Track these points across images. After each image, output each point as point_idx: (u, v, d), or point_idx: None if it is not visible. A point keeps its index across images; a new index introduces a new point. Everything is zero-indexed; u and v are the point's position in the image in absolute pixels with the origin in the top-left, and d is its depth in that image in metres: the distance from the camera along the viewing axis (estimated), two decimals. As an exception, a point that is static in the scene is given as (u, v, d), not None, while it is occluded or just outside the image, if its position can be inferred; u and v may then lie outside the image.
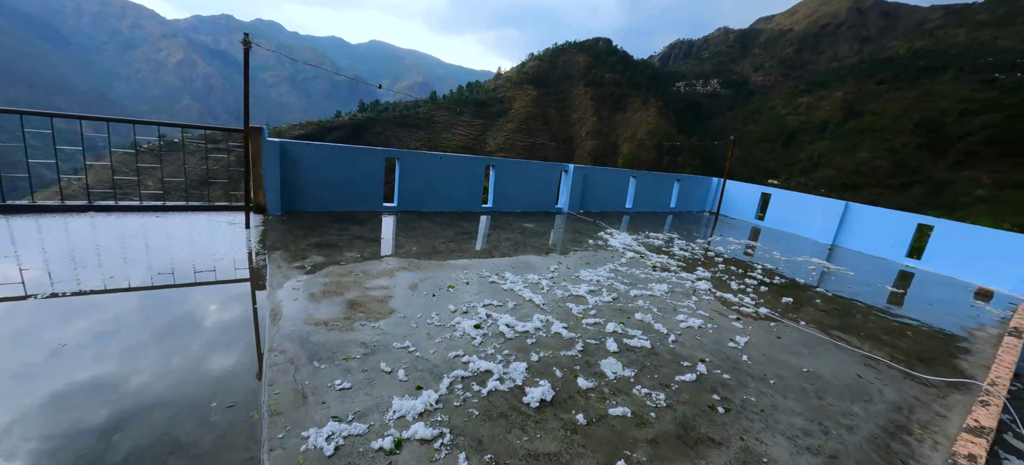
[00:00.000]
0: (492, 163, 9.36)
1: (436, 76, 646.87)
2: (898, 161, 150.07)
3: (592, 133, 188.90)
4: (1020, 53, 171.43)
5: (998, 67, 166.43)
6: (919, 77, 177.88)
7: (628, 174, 11.85)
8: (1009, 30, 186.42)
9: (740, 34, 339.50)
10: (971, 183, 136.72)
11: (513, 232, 7.85)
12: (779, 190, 12.57)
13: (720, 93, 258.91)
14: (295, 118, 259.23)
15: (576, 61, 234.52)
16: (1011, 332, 5.68)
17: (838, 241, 11.01)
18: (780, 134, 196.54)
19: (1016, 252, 8.47)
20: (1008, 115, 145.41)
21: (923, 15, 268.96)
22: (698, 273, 6.64)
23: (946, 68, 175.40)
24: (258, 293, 4.31)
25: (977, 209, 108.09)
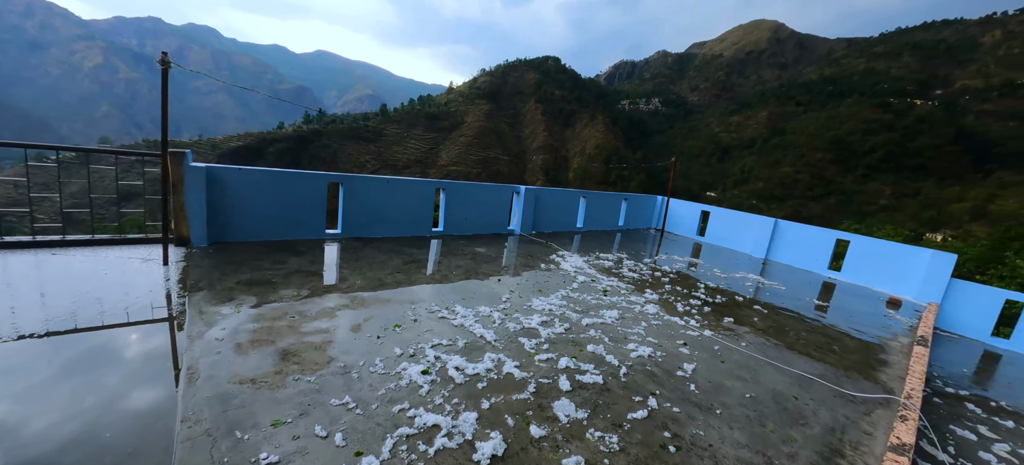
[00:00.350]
0: (443, 186, 9.16)
1: (386, 89, 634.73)
2: (815, 174, 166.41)
3: (543, 148, 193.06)
4: (908, 81, 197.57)
5: (892, 93, 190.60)
6: (829, 101, 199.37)
7: (579, 194, 12.09)
8: (898, 61, 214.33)
9: (677, 57, 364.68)
10: (875, 194, 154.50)
11: (464, 258, 7.66)
12: (717, 208, 13.37)
13: (661, 111, 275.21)
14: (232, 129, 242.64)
15: (527, 78, 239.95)
16: (919, 341, 6.31)
17: (770, 255, 11.85)
18: (715, 150, 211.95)
19: (916, 262, 9.51)
20: (901, 135, 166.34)
21: (830, 46, 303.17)
22: (647, 295, 6.81)
23: (851, 93, 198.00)
24: (173, 345, 3.81)
25: (880, 216, 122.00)
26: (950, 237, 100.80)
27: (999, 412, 5.30)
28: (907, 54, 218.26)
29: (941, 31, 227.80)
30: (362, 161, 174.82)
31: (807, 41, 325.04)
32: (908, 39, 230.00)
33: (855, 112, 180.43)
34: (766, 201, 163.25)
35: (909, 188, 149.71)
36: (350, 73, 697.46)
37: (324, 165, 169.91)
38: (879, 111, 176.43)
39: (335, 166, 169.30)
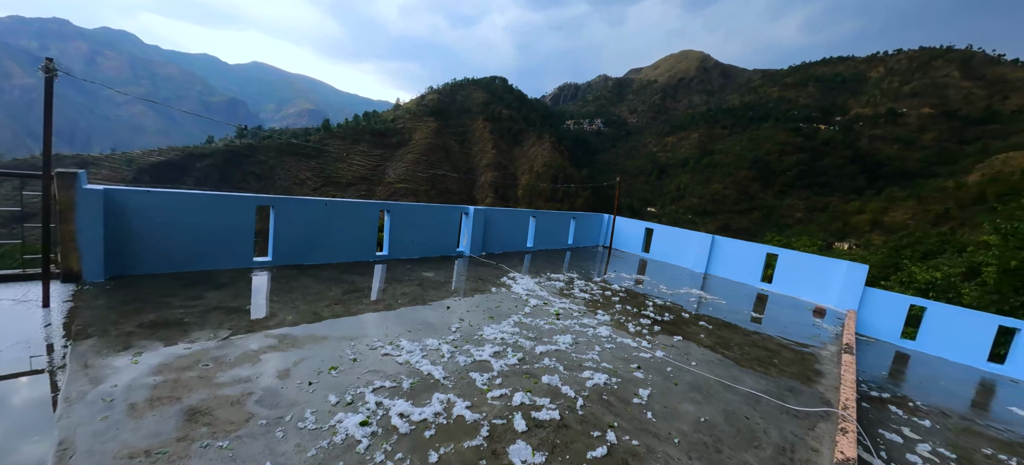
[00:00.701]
0: (388, 208, 8.68)
1: (329, 104, 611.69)
2: (741, 191, 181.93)
3: (492, 165, 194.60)
4: (813, 108, 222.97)
5: (800, 119, 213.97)
6: (750, 124, 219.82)
7: (528, 214, 12.05)
8: (805, 91, 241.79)
9: (617, 81, 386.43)
10: (792, 208, 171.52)
11: (411, 284, 7.23)
12: (659, 226, 13.94)
13: (604, 132, 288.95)
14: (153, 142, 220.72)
15: (475, 96, 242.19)
16: (845, 349, 6.78)
17: (710, 269, 12.47)
18: (653, 169, 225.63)
19: (834, 273, 10.40)
20: (810, 156, 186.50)
21: (749, 76, 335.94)
22: (599, 317, 6.77)
23: (767, 118, 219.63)
24: (48, 410, 3.09)
25: (796, 228, 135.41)
26: (855, 245, 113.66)
27: (917, 412, 5.76)
28: (811, 85, 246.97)
29: (837, 66, 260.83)
30: (302, 178, 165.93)
31: (729, 71, 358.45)
32: (811, 72, 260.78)
33: (772, 135, 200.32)
34: (700, 216, 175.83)
35: (819, 202, 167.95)
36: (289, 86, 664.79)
37: (259, 182, 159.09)
38: (791, 135, 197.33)
39: (272, 183, 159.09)
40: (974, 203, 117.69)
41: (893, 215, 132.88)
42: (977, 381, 8.04)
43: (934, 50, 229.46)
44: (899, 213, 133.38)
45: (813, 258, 11.01)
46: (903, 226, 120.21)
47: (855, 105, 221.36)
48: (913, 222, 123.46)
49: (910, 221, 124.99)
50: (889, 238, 38.59)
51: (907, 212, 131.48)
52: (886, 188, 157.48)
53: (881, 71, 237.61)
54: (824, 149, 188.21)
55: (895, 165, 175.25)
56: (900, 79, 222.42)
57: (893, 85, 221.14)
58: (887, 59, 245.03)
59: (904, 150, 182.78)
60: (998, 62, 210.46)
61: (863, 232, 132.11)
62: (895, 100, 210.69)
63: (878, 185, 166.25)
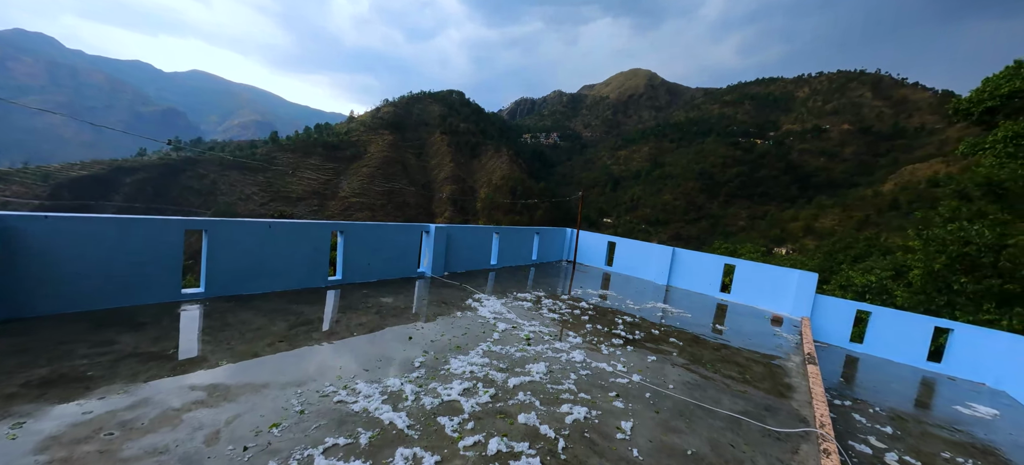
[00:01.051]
0: (341, 228, 7.99)
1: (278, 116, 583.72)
2: (689, 202, 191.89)
3: (451, 179, 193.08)
4: (750, 124, 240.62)
5: (739, 134, 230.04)
6: (695, 138, 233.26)
7: (491, 231, 11.69)
8: (742, 109, 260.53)
9: (571, 97, 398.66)
10: (735, 216, 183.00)
11: (368, 312, 6.61)
12: (621, 239, 14.04)
13: (560, 145, 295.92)
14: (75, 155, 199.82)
15: (431, 110, 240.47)
16: (809, 359, 6.92)
17: (671, 281, 12.64)
18: (608, 180, 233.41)
19: (787, 282, 10.83)
20: (749, 168, 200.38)
21: (692, 94, 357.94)
22: (570, 340, 6.48)
23: (710, 133, 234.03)
24: None
25: (740, 236, 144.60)
26: (791, 250, 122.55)
27: (877, 418, 5.90)
28: (747, 103, 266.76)
29: (769, 86, 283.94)
30: (248, 193, 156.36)
31: (675, 88, 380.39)
32: (747, 91, 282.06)
33: (715, 149, 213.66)
34: (653, 225, 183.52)
35: (759, 211, 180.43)
36: (234, 97, 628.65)
37: (200, 198, 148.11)
38: (732, 148, 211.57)
39: (214, 199, 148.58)
40: (889, 209, 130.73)
41: (822, 221, 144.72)
42: (920, 380, 8.53)
43: (850, 73, 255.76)
44: (827, 219, 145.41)
45: (767, 268, 11.43)
46: (831, 231, 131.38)
47: (786, 121, 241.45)
48: (839, 227, 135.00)
49: (837, 227, 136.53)
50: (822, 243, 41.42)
51: (834, 219, 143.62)
52: (815, 197, 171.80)
53: (806, 91, 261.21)
54: (761, 162, 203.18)
55: (822, 176, 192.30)
56: (823, 98, 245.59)
57: (817, 104, 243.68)
58: (811, 80, 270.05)
59: (829, 162, 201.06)
60: (902, 85, 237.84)
61: (798, 237, 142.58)
62: (819, 117, 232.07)
63: (808, 194, 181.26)
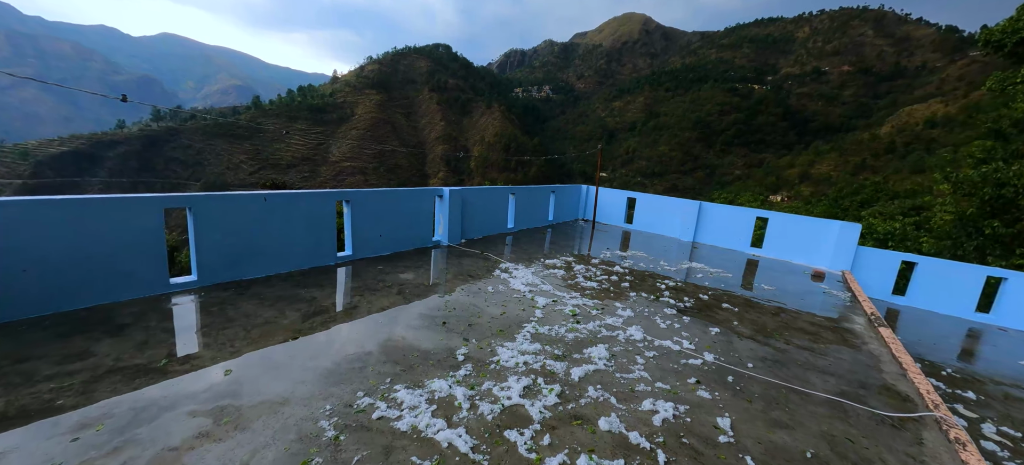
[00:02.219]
0: (347, 197, 7.04)
1: (257, 79, 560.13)
2: (686, 152, 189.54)
3: (442, 138, 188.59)
4: (749, 70, 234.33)
5: (737, 80, 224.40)
6: (691, 86, 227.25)
7: (507, 192, 10.74)
8: (740, 53, 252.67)
9: (563, 46, 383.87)
10: (731, 165, 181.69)
11: (388, 292, 5.80)
12: (642, 194, 13.16)
13: (553, 98, 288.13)
14: (52, 131, 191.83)
15: (418, 66, 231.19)
16: (875, 321, 6.28)
17: (698, 238, 11.92)
18: (603, 133, 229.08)
19: (826, 234, 10.11)
20: (746, 115, 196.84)
21: (688, 39, 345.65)
22: (620, 313, 5.75)
23: (707, 80, 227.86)
24: None
25: (736, 185, 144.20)
26: (787, 197, 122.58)
27: (955, 382, 5.32)
28: (746, 46, 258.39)
29: (768, 27, 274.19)
30: (237, 162, 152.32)
31: (671, 33, 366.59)
32: (746, 34, 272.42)
33: (712, 96, 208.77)
34: (648, 178, 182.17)
35: (755, 159, 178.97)
36: (209, 61, 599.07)
37: (187, 170, 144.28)
38: (729, 95, 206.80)
39: (202, 169, 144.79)
40: (886, 152, 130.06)
41: (819, 168, 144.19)
42: (975, 333, 8.02)
43: (852, 10, 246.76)
44: (824, 165, 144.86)
45: (803, 219, 10.69)
46: (827, 177, 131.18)
47: (785, 64, 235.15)
48: (835, 173, 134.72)
49: (833, 172, 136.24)
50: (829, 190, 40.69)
51: (830, 164, 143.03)
52: (813, 142, 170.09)
53: (807, 31, 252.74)
54: (759, 108, 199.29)
55: (820, 120, 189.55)
56: (823, 38, 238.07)
57: (817, 44, 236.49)
58: (812, 19, 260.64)
59: (827, 106, 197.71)
60: (905, 21, 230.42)
61: (794, 185, 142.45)
62: (819, 59, 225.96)
63: (806, 140, 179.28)
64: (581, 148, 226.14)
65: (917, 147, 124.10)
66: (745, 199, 54.17)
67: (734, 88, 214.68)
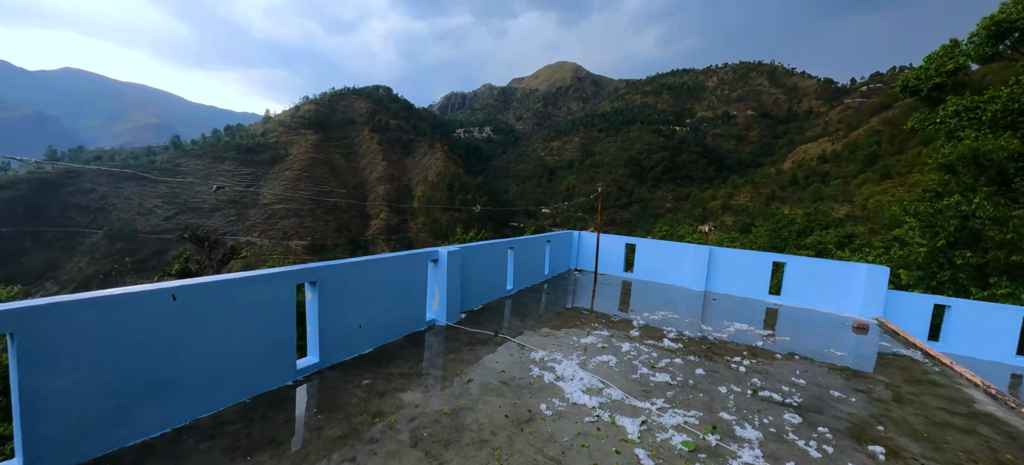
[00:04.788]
0: (312, 276, 4.72)
1: (179, 118, 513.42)
2: (621, 187, 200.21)
3: (384, 178, 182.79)
4: (670, 113, 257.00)
5: (661, 122, 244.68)
6: (621, 127, 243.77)
7: (506, 246, 8.80)
8: (662, 98, 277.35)
9: (502, 90, 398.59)
10: (662, 199, 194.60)
11: (385, 438, 3.57)
12: (642, 240, 11.92)
13: (494, 139, 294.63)
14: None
15: (357, 106, 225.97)
16: (990, 392, 5.10)
17: (710, 286, 10.73)
18: (544, 171, 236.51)
19: (853, 278, 9.32)
20: (671, 153, 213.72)
21: (615, 85, 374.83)
22: (722, 428, 3.99)
23: (635, 122, 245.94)
24: None
25: (668, 217, 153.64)
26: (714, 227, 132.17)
27: None
28: (666, 92, 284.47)
29: (683, 77, 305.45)
30: (149, 206, 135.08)
31: (600, 80, 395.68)
32: (665, 82, 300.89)
33: (640, 137, 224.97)
34: (588, 213, 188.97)
35: (682, 192, 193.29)
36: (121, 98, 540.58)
37: (88, 217, 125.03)
38: (655, 135, 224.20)
39: (106, 216, 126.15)
40: (790, 184, 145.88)
41: (737, 199, 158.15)
42: (1011, 377, 7.32)
43: (750, 64, 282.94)
44: (741, 197, 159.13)
45: (824, 263, 9.89)
46: (744, 207, 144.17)
47: (700, 109, 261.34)
48: (751, 203, 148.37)
49: (749, 203, 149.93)
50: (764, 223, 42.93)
51: (746, 196, 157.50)
52: (729, 177, 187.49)
53: (715, 81, 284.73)
54: (681, 147, 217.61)
55: (733, 157, 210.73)
56: (729, 87, 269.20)
57: (725, 92, 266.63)
58: (719, 71, 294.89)
59: (738, 145, 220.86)
60: (792, 74, 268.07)
61: (718, 215, 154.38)
62: (727, 104, 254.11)
63: (723, 174, 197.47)
64: (523, 185, 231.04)
65: (814, 179, 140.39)
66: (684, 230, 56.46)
67: (659, 129, 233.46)
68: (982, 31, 15.81)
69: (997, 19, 15.31)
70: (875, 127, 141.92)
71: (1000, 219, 12.83)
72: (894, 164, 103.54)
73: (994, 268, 13.30)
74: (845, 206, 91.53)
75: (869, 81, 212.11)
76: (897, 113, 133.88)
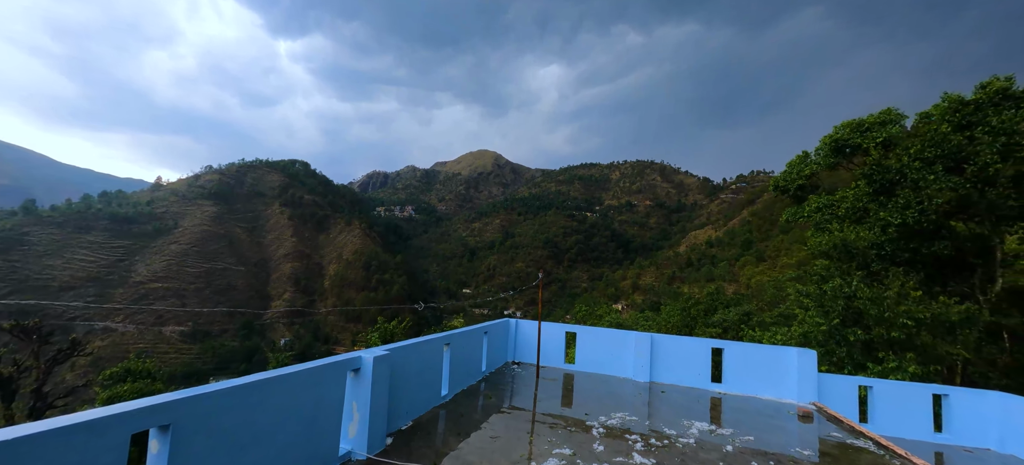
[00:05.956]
0: (165, 415, 3.09)
1: (39, 179, 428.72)
2: (539, 267, 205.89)
3: (292, 255, 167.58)
4: (582, 200, 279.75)
5: (574, 208, 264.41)
6: (539, 212, 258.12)
7: (441, 342, 7.47)
8: (574, 187, 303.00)
9: (425, 172, 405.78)
10: (578, 279, 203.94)
11: None
12: (583, 328, 11.32)
13: (415, 218, 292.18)
14: None
15: (269, 179, 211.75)
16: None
17: (654, 376, 10.24)
18: (465, 251, 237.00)
19: (787, 363, 9.49)
20: (584, 236, 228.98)
21: (532, 174, 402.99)
22: None
23: (551, 207, 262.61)
24: None
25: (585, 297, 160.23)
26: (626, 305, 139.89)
27: None
28: (577, 182, 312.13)
29: (591, 170, 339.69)
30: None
31: (518, 168, 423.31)
32: (576, 173, 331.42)
33: (556, 220, 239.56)
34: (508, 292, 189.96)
35: (596, 272, 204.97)
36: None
37: None
38: (569, 220, 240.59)
39: None
40: (686, 266, 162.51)
41: (643, 278, 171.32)
42: (944, 457, 7.62)
43: (645, 162, 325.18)
44: (647, 277, 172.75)
45: (760, 348, 10.05)
46: (651, 286, 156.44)
47: (607, 198, 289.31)
48: (656, 282, 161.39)
49: (655, 282, 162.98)
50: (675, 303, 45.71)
51: (651, 276, 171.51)
52: (636, 259, 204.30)
53: (618, 175, 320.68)
54: (593, 231, 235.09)
55: (638, 241, 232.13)
56: (630, 181, 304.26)
57: (626, 184, 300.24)
58: (621, 166, 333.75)
59: (640, 231, 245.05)
60: (678, 172, 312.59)
61: (629, 294, 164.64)
62: (629, 195, 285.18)
63: (630, 256, 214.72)
64: (445, 265, 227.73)
65: (705, 261, 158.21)
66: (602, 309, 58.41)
67: (572, 214, 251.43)
68: (825, 145, 19.29)
69: (834, 137, 18.83)
70: (746, 218, 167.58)
71: (876, 299, 14.64)
72: (764, 249, 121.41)
73: (879, 344, 14.94)
74: (732, 285, 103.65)
75: (736, 181, 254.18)
76: (760, 207, 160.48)
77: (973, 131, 15.29)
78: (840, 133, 18.61)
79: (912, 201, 15.42)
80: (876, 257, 16.74)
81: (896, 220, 15.66)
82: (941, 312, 13.68)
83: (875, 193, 17.06)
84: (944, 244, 16.05)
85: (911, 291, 14.38)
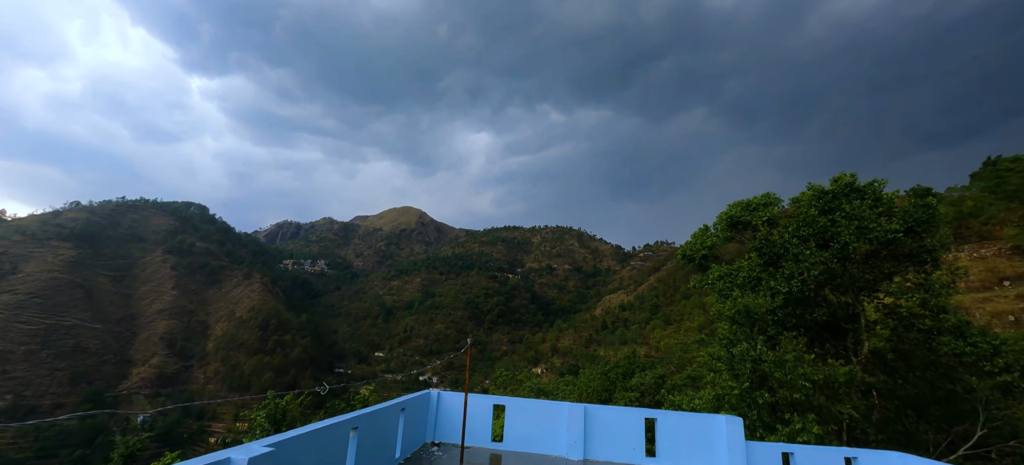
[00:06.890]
0: None
1: None
2: (459, 329, 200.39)
3: (170, 311, 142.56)
4: (503, 262, 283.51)
5: (496, 269, 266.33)
6: (460, 272, 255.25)
7: (347, 426, 6.01)
8: (497, 248, 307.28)
9: (343, 225, 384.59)
10: (499, 342, 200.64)
11: None
12: (512, 399, 10.34)
13: (328, 273, 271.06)
14: None
15: (154, 222, 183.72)
16: None
17: (588, 453, 9.48)
18: (381, 311, 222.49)
19: (715, 431, 9.39)
20: (505, 298, 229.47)
21: (456, 233, 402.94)
22: None
23: (473, 267, 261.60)
24: None
25: (505, 360, 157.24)
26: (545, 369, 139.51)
27: None
28: (500, 244, 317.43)
29: (515, 232, 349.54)
30: None
31: (442, 227, 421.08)
32: (499, 235, 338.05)
33: (478, 281, 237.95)
34: (426, 356, 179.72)
35: (516, 335, 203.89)
36: None
37: None
38: (491, 281, 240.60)
39: None
40: (602, 329, 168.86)
41: (562, 341, 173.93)
42: None
43: (564, 228, 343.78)
44: (565, 339, 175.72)
45: (689, 417, 9.90)
46: (569, 349, 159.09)
47: (528, 260, 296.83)
48: (574, 345, 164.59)
49: (573, 345, 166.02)
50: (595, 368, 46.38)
51: (570, 339, 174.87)
52: (555, 321, 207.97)
53: (539, 239, 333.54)
54: (514, 293, 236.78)
55: (557, 304, 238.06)
56: (550, 245, 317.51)
57: (547, 248, 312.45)
58: (542, 231, 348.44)
59: (560, 294, 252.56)
60: (594, 239, 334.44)
61: (548, 357, 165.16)
62: (549, 258, 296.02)
63: (550, 319, 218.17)
64: (356, 325, 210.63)
65: (619, 324, 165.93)
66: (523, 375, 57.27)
67: (494, 276, 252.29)
68: (721, 221, 21.55)
69: (728, 214, 21.14)
70: (653, 284, 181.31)
71: (779, 362, 15.79)
72: (670, 313, 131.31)
73: (783, 406, 15.95)
74: (644, 347, 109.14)
75: (644, 249, 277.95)
76: (665, 274, 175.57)
77: (834, 215, 18.04)
78: (733, 210, 20.91)
79: (795, 272, 17.37)
80: (771, 322, 18.37)
81: (783, 289, 17.42)
82: (831, 374, 15.05)
83: (765, 264, 19.07)
84: (822, 311, 18.11)
85: (804, 354, 15.72)
